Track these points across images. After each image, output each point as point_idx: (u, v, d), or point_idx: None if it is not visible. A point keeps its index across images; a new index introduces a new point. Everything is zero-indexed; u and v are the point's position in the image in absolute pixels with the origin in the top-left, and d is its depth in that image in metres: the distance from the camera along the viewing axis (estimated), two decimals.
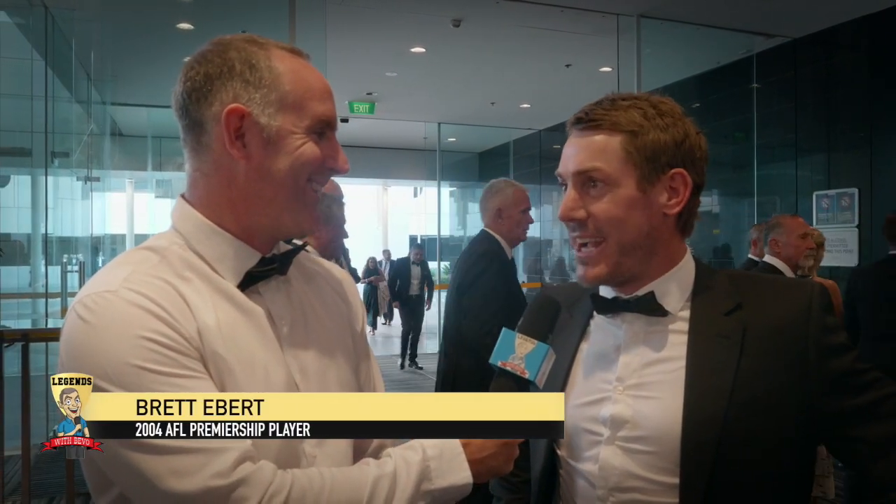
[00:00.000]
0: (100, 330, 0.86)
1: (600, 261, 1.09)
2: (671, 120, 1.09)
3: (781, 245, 3.54)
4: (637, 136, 1.07)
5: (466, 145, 13.04)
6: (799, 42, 6.63)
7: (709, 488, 1.00)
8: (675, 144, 1.08)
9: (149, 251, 0.98)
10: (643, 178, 1.07)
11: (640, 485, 1.05)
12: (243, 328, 0.96)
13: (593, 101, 1.12)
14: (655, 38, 6.35)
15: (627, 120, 1.07)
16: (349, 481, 0.90)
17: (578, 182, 1.09)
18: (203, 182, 1.00)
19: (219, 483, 0.82)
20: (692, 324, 1.09)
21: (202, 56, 0.98)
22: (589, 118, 1.09)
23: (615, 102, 1.09)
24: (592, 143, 1.08)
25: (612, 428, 1.08)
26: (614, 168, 1.07)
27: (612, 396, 1.10)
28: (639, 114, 1.08)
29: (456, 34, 6.49)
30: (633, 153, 1.07)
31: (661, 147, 1.07)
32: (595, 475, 1.09)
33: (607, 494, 1.07)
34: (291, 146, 0.97)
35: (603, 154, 1.07)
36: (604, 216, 1.07)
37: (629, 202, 1.07)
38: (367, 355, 1.19)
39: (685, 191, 1.10)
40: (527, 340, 1.02)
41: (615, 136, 1.07)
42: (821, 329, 1.05)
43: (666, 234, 1.11)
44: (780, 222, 3.60)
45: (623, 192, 1.07)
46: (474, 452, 0.98)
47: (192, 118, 0.98)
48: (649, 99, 1.10)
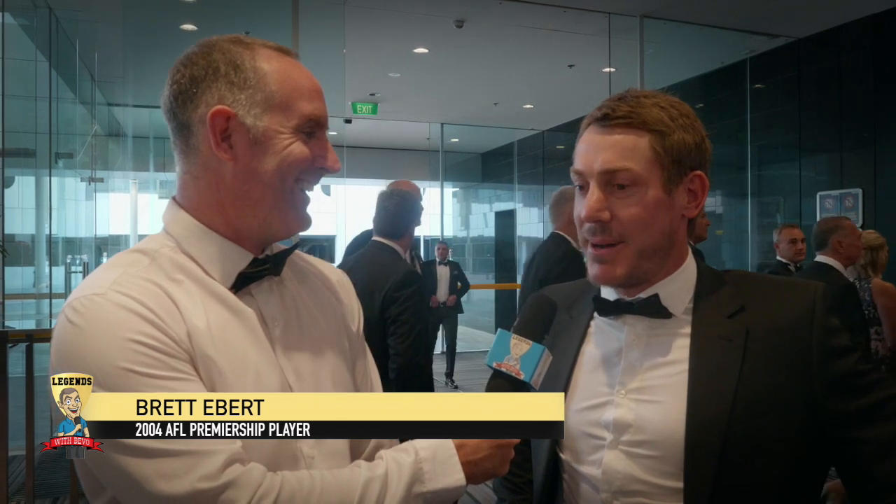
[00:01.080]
0: (88, 333, 0.85)
1: (618, 262, 1.06)
2: (690, 121, 1.06)
3: (845, 246, 3.67)
4: (664, 137, 1.03)
5: (469, 146, 13.04)
6: (802, 42, 6.62)
7: (713, 492, 0.99)
8: (696, 146, 1.06)
9: (139, 254, 0.97)
10: (669, 179, 1.04)
11: (643, 489, 1.04)
12: (235, 330, 0.95)
13: (614, 97, 1.07)
14: (658, 39, 6.35)
15: (655, 119, 1.04)
16: (339, 484, 0.90)
17: (603, 181, 1.04)
18: (193, 184, 1.00)
19: (207, 486, 0.82)
20: (695, 326, 1.08)
21: (187, 58, 0.98)
22: (617, 115, 1.04)
23: (639, 99, 1.05)
24: (621, 141, 1.03)
25: (615, 432, 1.07)
26: (643, 168, 1.03)
27: (614, 400, 1.09)
28: (664, 113, 1.04)
29: (459, 35, 6.50)
30: (661, 154, 1.03)
31: (685, 148, 1.05)
32: (598, 479, 1.08)
33: (611, 498, 1.07)
34: (278, 146, 0.96)
35: (633, 154, 1.03)
36: (630, 219, 1.04)
37: (656, 204, 1.04)
38: (363, 354, 1.19)
39: (703, 193, 1.09)
40: (522, 341, 1.01)
41: (644, 136, 1.03)
42: (824, 331, 1.03)
43: (681, 236, 1.10)
44: (841, 224, 3.73)
45: (651, 194, 1.03)
46: (468, 454, 0.97)
47: (179, 121, 0.98)
48: (667, 98, 1.07)
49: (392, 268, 2.89)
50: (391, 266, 2.90)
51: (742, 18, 6.22)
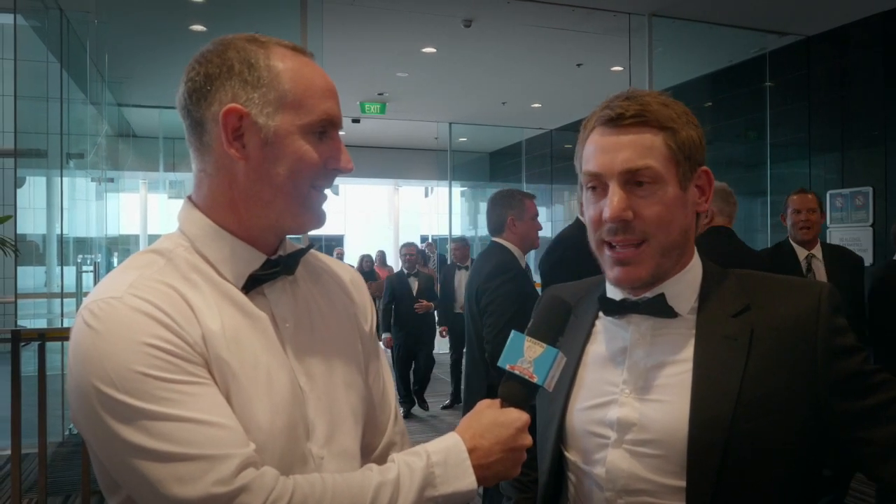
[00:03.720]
0: (105, 336, 0.86)
1: (642, 262, 1.05)
2: (690, 118, 1.08)
3: None
4: (675, 134, 1.04)
5: (478, 145, 13.03)
6: (812, 40, 6.58)
7: (716, 491, 0.99)
8: (700, 141, 1.08)
9: (155, 254, 0.98)
10: (683, 176, 1.06)
11: (648, 488, 1.04)
12: (247, 333, 0.96)
13: (618, 97, 1.07)
14: (667, 37, 6.32)
15: (665, 116, 1.04)
16: (351, 487, 0.89)
17: (622, 181, 1.04)
18: (207, 182, 1.00)
19: (221, 490, 0.82)
20: (699, 325, 1.07)
21: (202, 56, 0.98)
22: (630, 114, 1.04)
23: (643, 98, 1.05)
24: (640, 140, 1.04)
25: (619, 431, 1.07)
26: (662, 166, 1.03)
27: (618, 399, 1.09)
28: (670, 110, 1.05)
29: (467, 34, 6.49)
30: (675, 151, 1.04)
31: (694, 144, 1.06)
32: (602, 478, 1.08)
33: (615, 497, 1.07)
34: (290, 148, 0.96)
35: (651, 152, 1.03)
36: (654, 217, 1.03)
37: (675, 201, 1.05)
38: (376, 355, 1.18)
39: (709, 189, 1.10)
40: (536, 344, 1.01)
41: (658, 133, 1.04)
42: (829, 330, 1.03)
43: (693, 233, 1.11)
44: None
45: (671, 192, 1.04)
46: (480, 458, 0.96)
47: (193, 118, 0.98)
48: (665, 97, 1.08)
49: (487, 262, 3.22)
50: (486, 260, 3.26)
51: (752, 17, 6.19)
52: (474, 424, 1.00)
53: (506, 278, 3.08)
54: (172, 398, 0.85)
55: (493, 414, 1.00)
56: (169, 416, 0.84)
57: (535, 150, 12.00)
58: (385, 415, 1.17)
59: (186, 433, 0.83)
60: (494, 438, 0.98)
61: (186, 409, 0.85)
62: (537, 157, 11.96)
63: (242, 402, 0.92)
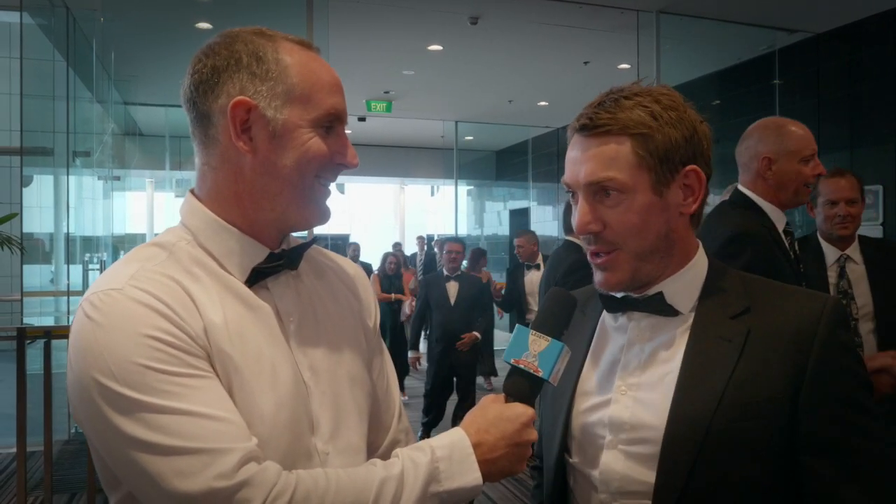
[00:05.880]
0: (106, 328, 0.85)
1: (618, 268, 1.05)
2: (677, 114, 1.03)
3: None
4: (648, 139, 1.01)
5: (484, 143, 13.01)
6: (822, 37, 6.54)
7: (684, 489, 0.97)
8: (686, 140, 1.03)
9: (157, 247, 0.97)
10: (658, 181, 1.02)
11: (642, 490, 1.02)
12: (251, 326, 0.95)
13: (594, 102, 1.06)
14: (675, 35, 6.28)
15: (636, 121, 1.01)
16: (355, 483, 0.89)
17: (590, 192, 1.04)
18: (211, 175, 0.99)
19: (222, 484, 0.81)
20: (695, 324, 1.06)
21: (210, 48, 0.98)
22: (595, 124, 1.03)
23: (619, 102, 1.03)
24: (602, 151, 1.02)
25: (613, 431, 1.06)
26: (628, 175, 1.01)
27: (613, 398, 1.08)
28: (645, 113, 1.02)
29: (473, 32, 6.48)
30: (645, 157, 1.01)
31: (672, 146, 1.02)
32: (597, 480, 1.07)
33: (610, 500, 1.05)
34: (298, 140, 0.96)
35: (614, 162, 1.01)
36: (621, 226, 1.03)
37: (646, 208, 1.02)
38: (380, 351, 1.18)
39: (700, 188, 1.06)
40: (541, 338, 1.00)
41: (625, 142, 1.01)
42: (826, 344, 0.99)
43: (682, 233, 1.08)
44: None
45: (640, 199, 1.02)
46: (485, 453, 0.95)
47: (199, 111, 0.98)
48: (651, 93, 1.04)
49: (557, 259, 3.60)
50: (556, 257, 3.65)
51: (761, 14, 6.15)
52: (479, 419, 0.99)
53: (580, 276, 3.16)
54: (174, 391, 0.84)
55: (498, 408, 0.99)
56: (170, 409, 0.83)
57: (542, 149, 11.98)
58: (389, 412, 1.17)
59: (187, 426, 0.82)
60: (499, 433, 0.97)
61: (188, 402, 0.84)
62: (544, 156, 11.93)
63: (246, 396, 0.91)
